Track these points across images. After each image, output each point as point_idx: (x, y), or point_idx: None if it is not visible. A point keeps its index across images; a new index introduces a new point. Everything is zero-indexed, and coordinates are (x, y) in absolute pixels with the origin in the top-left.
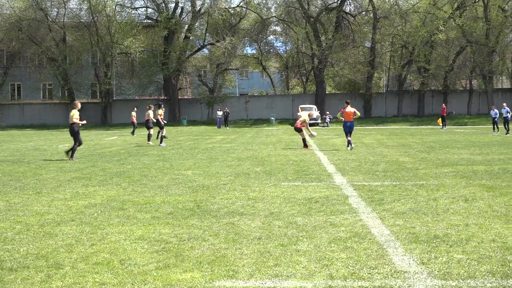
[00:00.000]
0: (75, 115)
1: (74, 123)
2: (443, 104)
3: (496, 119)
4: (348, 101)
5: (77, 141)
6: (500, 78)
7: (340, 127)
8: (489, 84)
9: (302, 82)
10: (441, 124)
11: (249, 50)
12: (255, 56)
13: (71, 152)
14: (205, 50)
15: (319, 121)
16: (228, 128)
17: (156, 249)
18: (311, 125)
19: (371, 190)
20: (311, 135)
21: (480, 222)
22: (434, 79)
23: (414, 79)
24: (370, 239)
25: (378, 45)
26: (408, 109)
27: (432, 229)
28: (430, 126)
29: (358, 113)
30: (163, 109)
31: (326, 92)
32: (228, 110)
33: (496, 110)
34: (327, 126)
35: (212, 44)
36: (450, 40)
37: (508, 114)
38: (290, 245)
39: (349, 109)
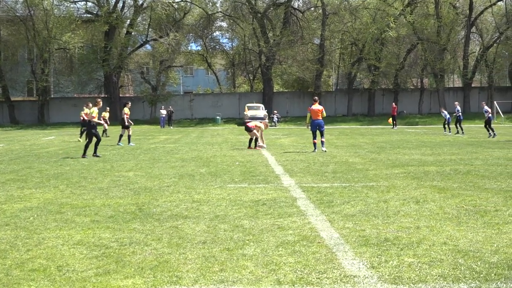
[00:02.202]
0: (94, 112)
1: (91, 120)
2: (394, 103)
3: (448, 119)
4: (316, 98)
5: (92, 138)
6: (452, 76)
7: (288, 127)
8: (441, 82)
9: (249, 80)
10: (391, 124)
11: (194, 47)
12: (200, 53)
13: (85, 147)
14: (148, 46)
15: (267, 120)
16: (172, 127)
17: (96, 255)
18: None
19: (320, 192)
20: (260, 146)
21: (431, 225)
22: (385, 78)
23: (364, 77)
24: (319, 242)
25: (327, 42)
26: (358, 108)
27: (383, 232)
28: (380, 126)
29: (324, 113)
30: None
31: (274, 91)
32: (172, 109)
33: (445, 112)
34: (275, 126)
35: (155, 40)
36: (401, 38)
37: (460, 114)
38: (236, 250)
39: (317, 106)
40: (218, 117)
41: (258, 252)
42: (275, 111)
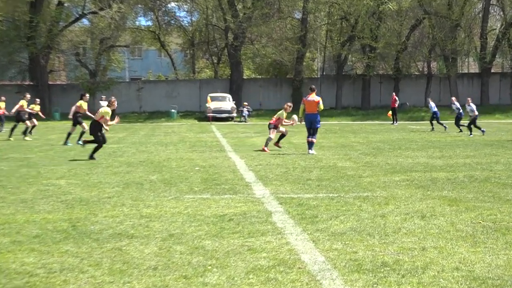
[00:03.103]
0: (106, 115)
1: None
2: (394, 94)
3: (436, 114)
4: (313, 86)
5: (100, 139)
6: (466, 60)
7: (261, 123)
8: (452, 67)
9: (212, 64)
10: (391, 119)
11: (143, 22)
12: (151, 30)
13: (94, 149)
14: (85, 21)
15: (235, 114)
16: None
17: (17, 285)
18: (221, 119)
19: (302, 204)
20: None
21: (440, 245)
22: (383, 61)
23: (357, 61)
24: (299, 268)
25: (311, 16)
26: (349, 99)
27: (380, 255)
28: (377, 122)
29: (322, 105)
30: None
31: (244, 77)
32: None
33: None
34: (245, 121)
35: (94, 13)
36: (403, 11)
37: (461, 111)
38: (196, 277)
39: (313, 97)
40: (173, 110)
41: (223, 281)
42: (245, 103)
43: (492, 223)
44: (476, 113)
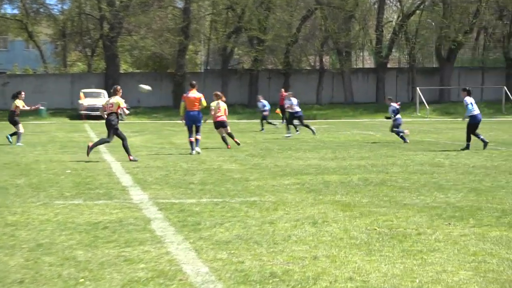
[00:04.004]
0: (122, 103)
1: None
2: (283, 90)
3: (266, 111)
4: (193, 82)
5: (111, 136)
6: (361, 54)
7: (139, 121)
8: (346, 62)
9: (86, 57)
10: (280, 117)
11: (8, 10)
12: (17, 18)
13: (125, 150)
14: None
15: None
16: None
17: None
18: (96, 118)
19: (183, 210)
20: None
21: (333, 254)
22: (272, 55)
23: (245, 54)
24: (181, 280)
25: (195, 5)
26: (236, 96)
27: (268, 265)
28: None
29: (204, 102)
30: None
31: (121, 71)
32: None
33: (263, 102)
34: (122, 120)
35: None
36: (293, 1)
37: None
38: None
39: (194, 93)
40: (42, 108)
41: None
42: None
43: (388, 230)
44: (297, 109)
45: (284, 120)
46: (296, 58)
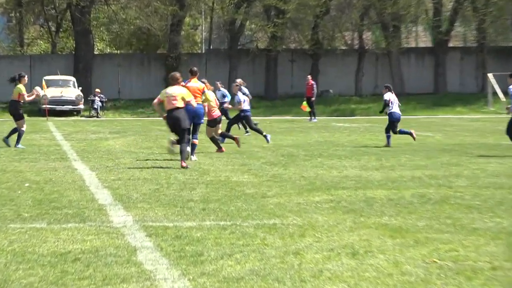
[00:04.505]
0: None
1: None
2: (309, 77)
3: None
4: (194, 69)
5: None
6: (414, 29)
7: (122, 118)
8: (394, 40)
9: (49, 33)
10: (307, 113)
11: None
12: None
13: (188, 150)
14: None
15: (82, 106)
16: None
17: None
18: (63, 113)
19: (180, 236)
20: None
21: None
22: (295, 31)
23: (259, 30)
24: None
25: None
26: (249, 85)
27: None
28: (288, 117)
29: (208, 95)
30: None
31: (96, 52)
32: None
33: (223, 91)
34: (97, 116)
35: None
36: None
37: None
38: None
39: (195, 83)
40: None
41: None
42: (98, 90)
43: (453, 263)
44: (246, 106)
45: (314, 118)
46: (327, 35)
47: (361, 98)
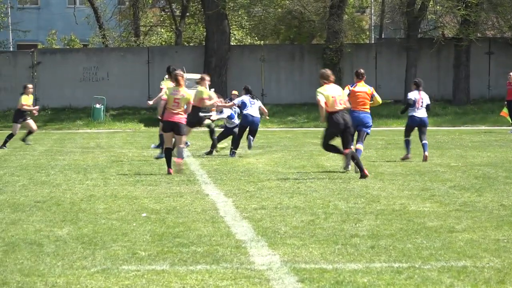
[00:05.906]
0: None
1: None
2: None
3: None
4: (361, 71)
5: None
6: None
7: (265, 129)
8: None
9: (172, 19)
10: (509, 121)
11: None
12: None
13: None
14: None
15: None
16: None
17: None
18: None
19: (342, 282)
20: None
21: None
22: (494, 13)
23: (445, 13)
24: None
25: None
26: (432, 85)
27: None
28: (483, 127)
29: (379, 98)
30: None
31: (232, 43)
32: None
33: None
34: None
35: None
36: None
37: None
38: None
39: (361, 87)
40: (98, 106)
41: None
42: (235, 92)
43: None
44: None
45: None
46: None
47: None
